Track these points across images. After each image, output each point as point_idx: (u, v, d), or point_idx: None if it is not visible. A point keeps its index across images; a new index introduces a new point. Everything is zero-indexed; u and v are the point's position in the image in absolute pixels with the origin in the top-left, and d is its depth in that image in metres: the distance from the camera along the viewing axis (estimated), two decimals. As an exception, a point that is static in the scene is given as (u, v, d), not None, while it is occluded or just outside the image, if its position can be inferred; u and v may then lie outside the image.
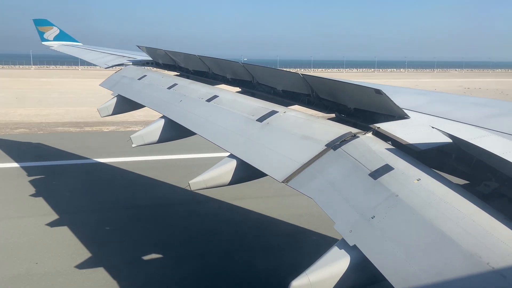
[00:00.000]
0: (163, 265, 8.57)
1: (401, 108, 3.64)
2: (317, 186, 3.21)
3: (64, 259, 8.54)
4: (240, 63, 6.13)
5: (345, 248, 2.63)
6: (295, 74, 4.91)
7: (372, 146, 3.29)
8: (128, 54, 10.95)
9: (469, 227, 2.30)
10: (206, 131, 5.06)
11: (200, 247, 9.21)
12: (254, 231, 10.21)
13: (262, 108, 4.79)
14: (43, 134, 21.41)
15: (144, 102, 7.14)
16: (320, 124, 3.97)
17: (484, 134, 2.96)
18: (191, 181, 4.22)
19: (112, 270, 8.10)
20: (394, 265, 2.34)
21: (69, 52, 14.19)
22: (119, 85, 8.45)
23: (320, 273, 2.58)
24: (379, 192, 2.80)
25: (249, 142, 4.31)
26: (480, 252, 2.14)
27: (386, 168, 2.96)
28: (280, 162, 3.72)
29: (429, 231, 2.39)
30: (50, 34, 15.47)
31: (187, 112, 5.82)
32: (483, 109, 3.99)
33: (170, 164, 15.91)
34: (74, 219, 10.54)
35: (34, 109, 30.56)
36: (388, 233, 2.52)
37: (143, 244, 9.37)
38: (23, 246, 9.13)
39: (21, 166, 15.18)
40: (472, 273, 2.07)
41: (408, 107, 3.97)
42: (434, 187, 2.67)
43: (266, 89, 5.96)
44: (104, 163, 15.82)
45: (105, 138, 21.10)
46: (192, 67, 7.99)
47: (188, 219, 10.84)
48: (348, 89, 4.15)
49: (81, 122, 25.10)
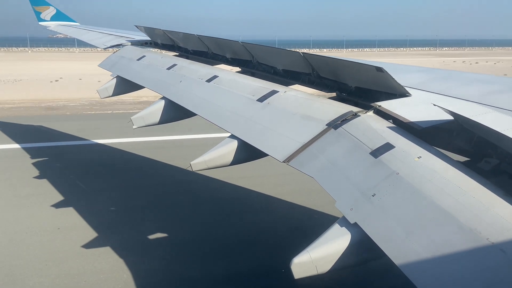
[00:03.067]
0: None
1: (402, 86, 3.62)
2: (318, 165, 3.22)
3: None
4: (240, 43, 6.06)
5: (346, 226, 2.66)
6: (295, 53, 4.86)
7: (373, 124, 3.29)
8: (126, 34, 10.82)
9: (469, 203, 2.32)
10: (207, 112, 5.05)
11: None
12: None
13: (263, 88, 4.76)
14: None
15: (144, 83, 7.10)
16: (321, 104, 3.95)
17: (485, 111, 2.95)
18: (192, 161, 4.23)
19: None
20: (394, 242, 2.37)
21: (66, 32, 14.03)
22: (118, 66, 8.39)
23: (321, 250, 2.61)
24: (379, 170, 2.82)
25: (250, 122, 4.30)
26: (479, 227, 2.17)
27: (387, 146, 2.97)
28: (281, 142, 3.73)
29: (429, 207, 2.41)
30: (47, 14, 15.25)
31: (187, 93, 5.79)
32: (485, 86, 3.97)
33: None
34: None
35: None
36: (388, 211, 2.55)
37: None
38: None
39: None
40: (471, 248, 2.10)
41: (409, 85, 3.94)
42: (434, 164, 2.68)
43: (266, 69, 5.91)
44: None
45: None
46: (191, 47, 7.91)
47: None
48: (349, 67, 4.11)
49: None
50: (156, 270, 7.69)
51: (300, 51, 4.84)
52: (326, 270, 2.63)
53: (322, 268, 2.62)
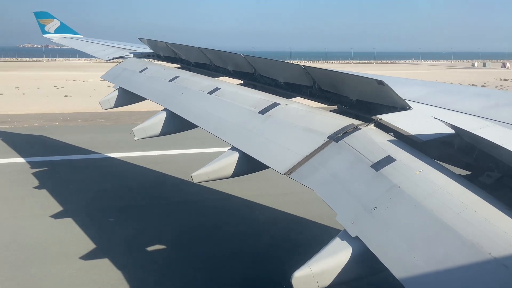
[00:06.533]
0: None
1: (403, 99, 3.63)
2: (319, 178, 3.22)
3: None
4: (242, 55, 6.10)
5: (347, 239, 2.65)
6: (297, 66, 4.89)
7: (374, 137, 3.29)
8: (129, 47, 10.92)
9: (471, 217, 2.31)
10: (208, 124, 5.06)
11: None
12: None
13: (264, 100, 4.78)
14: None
15: (146, 94, 7.14)
16: (322, 116, 3.97)
17: (486, 124, 2.95)
18: (193, 173, 4.23)
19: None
20: (396, 256, 2.35)
21: (70, 45, 14.16)
22: (121, 78, 8.44)
23: (322, 264, 2.59)
24: (381, 184, 2.81)
25: (251, 135, 4.31)
26: (482, 242, 2.15)
27: (388, 159, 2.97)
28: (282, 155, 3.73)
29: (430, 221, 2.39)
30: (51, 27, 15.42)
31: (188, 105, 5.82)
32: (486, 100, 3.98)
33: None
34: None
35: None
36: (390, 224, 2.54)
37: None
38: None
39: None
40: (474, 263, 2.08)
41: (410, 98, 3.96)
42: (436, 178, 2.67)
43: (267, 81, 5.94)
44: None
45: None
46: (194, 59, 7.97)
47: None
48: (350, 80, 4.13)
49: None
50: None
51: (302, 63, 4.88)
52: (327, 284, 2.61)
53: (323, 282, 2.59)
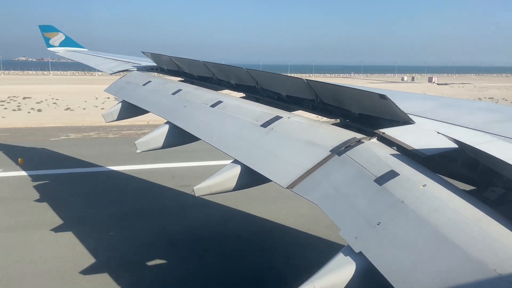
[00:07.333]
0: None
1: (406, 113, 3.63)
2: (322, 192, 3.20)
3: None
4: (244, 69, 6.14)
5: (350, 255, 2.61)
6: (299, 79, 4.91)
7: (377, 151, 3.28)
8: (132, 60, 11.00)
9: (475, 233, 2.28)
10: (211, 137, 5.06)
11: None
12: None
13: (266, 113, 4.79)
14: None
15: (149, 107, 7.16)
16: (325, 130, 3.96)
17: (490, 139, 2.94)
18: (195, 187, 4.21)
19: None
20: (400, 272, 2.32)
21: (74, 58, 14.27)
22: (124, 91, 8.48)
23: (325, 280, 2.56)
24: (384, 198, 2.79)
25: (254, 148, 4.30)
26: (487, 259, 2.12)
27: (391, 174, 2.95)
28: (284, 168, 3.71)
29: (435, 237, 2.37)
30: (56, 40, 15.57)
31: (191, 118, 5.83)
32: (489, 114, 3.97)
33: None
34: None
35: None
36: (394, 240, 2.51)
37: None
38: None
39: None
40: (479, 280, 2.05)
41: (412, 112, 3.95)
42: (440, 193, 2.65)
43: (270, 94, 5.96)
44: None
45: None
46: (197, 73, 8.01)
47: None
48: (353, 94, 4.14)
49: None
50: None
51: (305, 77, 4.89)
52: None
53: None
